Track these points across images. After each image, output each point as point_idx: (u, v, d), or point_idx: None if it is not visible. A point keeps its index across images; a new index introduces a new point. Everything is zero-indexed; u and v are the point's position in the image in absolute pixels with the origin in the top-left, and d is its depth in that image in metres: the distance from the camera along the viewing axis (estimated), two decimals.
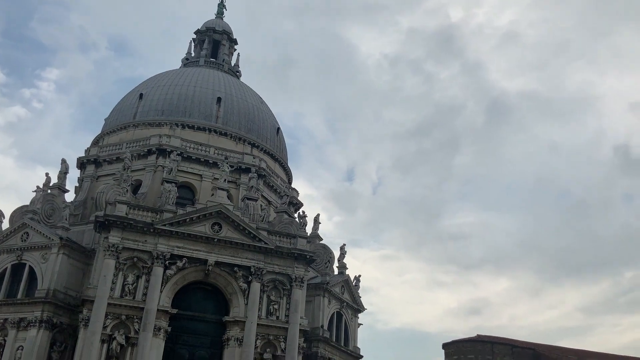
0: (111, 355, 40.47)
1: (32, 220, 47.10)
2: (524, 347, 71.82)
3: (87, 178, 58.50)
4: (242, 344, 43.60)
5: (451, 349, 72.21)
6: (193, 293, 45.49)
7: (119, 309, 41.64)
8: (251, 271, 45.67)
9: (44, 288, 43.48)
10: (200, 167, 56.94)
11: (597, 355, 73.59)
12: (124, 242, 43.01)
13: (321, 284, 51.43)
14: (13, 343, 42.60)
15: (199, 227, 45.52)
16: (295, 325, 45.52)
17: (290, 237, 48.71)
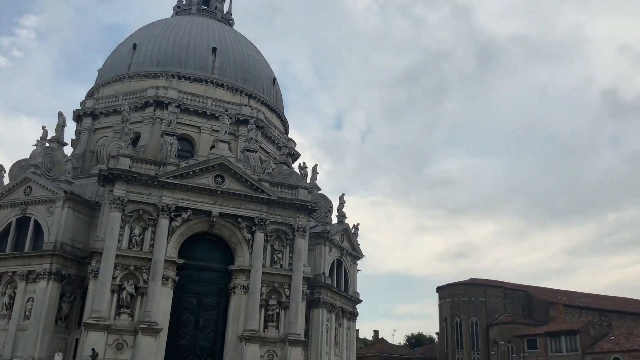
0: (122, 305, 41.54)
1: (35, 175, 47.19)
2: (515, 289, 74.40)
3: (84, 131, 58.39)
4: (248, 292, 44.88)
5: (445, 292, 74.61)
6: (199, 244, 46.34)
7: (127, 260, 42.46)
8: (255, 222, 46.48)
9: (51, 241, 44.04)
10: (198, 119, 56.99)
11: (587, 296, 76.51)
12: (128, 195, 43.41)
13: (322, 233, 52.50)
14: (23, 295, 43.49)
15: (202, 179, 45.95)
16: (299, 273, 46.79)
17: (291, 188, 49.38)
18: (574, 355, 56.96)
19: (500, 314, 70.60)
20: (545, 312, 69.69)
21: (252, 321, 44.16)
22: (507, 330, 67.46)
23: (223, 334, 44.82)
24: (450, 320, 71.99)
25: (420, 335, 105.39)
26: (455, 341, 70.99)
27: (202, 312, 45.17)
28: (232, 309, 45.04)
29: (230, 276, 46.20)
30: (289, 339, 44.54)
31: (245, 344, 43.35)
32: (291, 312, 45.70)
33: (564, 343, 58.38)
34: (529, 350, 61.15)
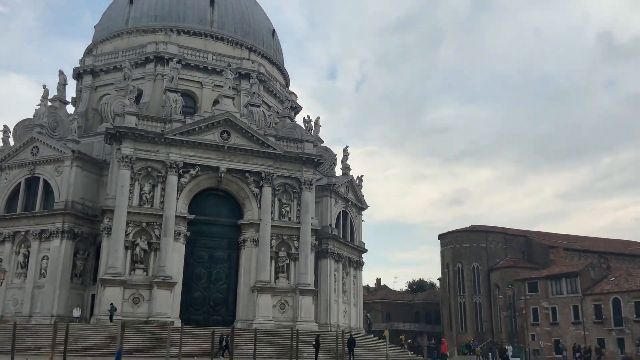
0: (136, 260, 42.47)
1: (41, 135, 47.27)
2: (515, 234, 75.87)
3: (85, 89, 57.93)
4: (258, 244, 45.82)
5: (447, 239, 76.08)
6: (207, 199, 46.95)
7: (139, 217, 43.13)
8: (262, 176, 46.98)
9: (62, 200, 44.55)
10: (199, 75, 56.54)
11: (586, 239, 78.16)
12: (136, 152, 43.68)
13: (327, 186, 53.09)
14: (37, 254, 44.32)
15: (208, 135, 46.13)
16: (307, 225, 47.64)
17: (296, 142, 49.66)
18: (574, 297, 58.77)
19: (501, 259, 72.30)
20: (545, 256, 71.37)
21: (263, 273, 45.28)
22: (508, 274, 69.24)
23: (235, 286, 46.03)
24: (452, 266, 73.75)
25: (421, 282, 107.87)
26: (457, 286, 72.92)
27: (214, 265, 46.23)
28: (243, 261, 46.11)
29: (239, 230, 47.05)
30: (299, 289, 45.79)
31: (257, 295, 44.61)
32: (301, 263, 46.80)
33: (565, 285, 60.11)
34: (530, 292, 62.93)
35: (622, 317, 54.77)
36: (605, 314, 56.06)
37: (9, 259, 45.01)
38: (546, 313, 61.60)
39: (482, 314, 70.40)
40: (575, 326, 58.29)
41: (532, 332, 62.10)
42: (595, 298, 57.34)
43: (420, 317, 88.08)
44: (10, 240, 45.47)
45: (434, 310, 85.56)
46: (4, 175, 47.59)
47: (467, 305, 71.52)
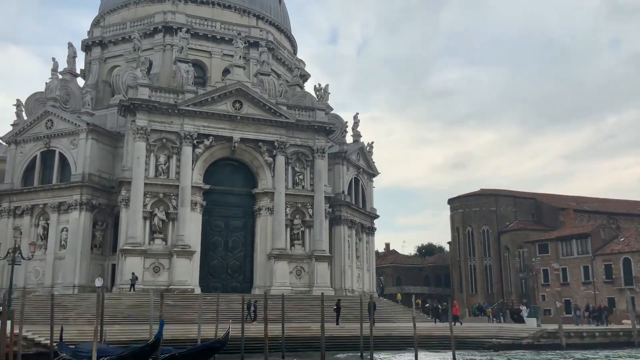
0: (154, 230, 43.22)
1: (54, 108, 47.52)
2: (525, 197, 76.25)
3: (94, 61, 57.86)
4: (273, 213, 46.45)
5: (456, 203, 76.56)
6: (222, 169, 47.42)
7: (156, 187, 43.69)
8: (275, 145, 47.28)
9: (79, 172, 45.08)
10: (208, 44, 56.32)
11: (595, 200, 78.54)
12: (151, 124, 43.98)
13: (339, 153, 53.38)
14: (57, 226, 45.09)
15: (221, 105, 46.29)
16: (321, 193, 48.16)
17: (308, 110, 49.80)
18: (585, 257, 59.45)
19: (511, 222, 72.86)
20: (554, 217, 71.88)
21: (279, 240, 46.02)
22: (518, 236, 69.88)
23: (251, 253, 46.88)
24: (462, 230, 74.46)
25: (430, 245, 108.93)
26: (467, 249, 73.73)
27: (230, 233, 46.98)
28: (259, 229, 46.83)
29: (254, 199, 47.63)
30: (315, 255, 46.57)
31: (274, 262, 45.44)
32: (315, 230, 47.46)
33: (575, 246, 60.77)
34: (540, 254, 63.67)
35: (633, 276, 55.53)
36: (615, 274, 56.84)
37: (29, 232, 45.79)
38: (557, 274, 62.41)
39: (492, 276, 71.39)
40: (585, 286, 59.17)
41: (542, 293, 63.05)
42: (605, 258, 58.01)
43: (430, 280, 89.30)
44: (28, 213, 46.22)
45: (443, 274, 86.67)
46: (19, 149, 48.05)
47: (477, 268, 72.47)
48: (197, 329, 26.41)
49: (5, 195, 47.06)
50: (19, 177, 47.45)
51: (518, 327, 37.08)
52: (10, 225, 46.45)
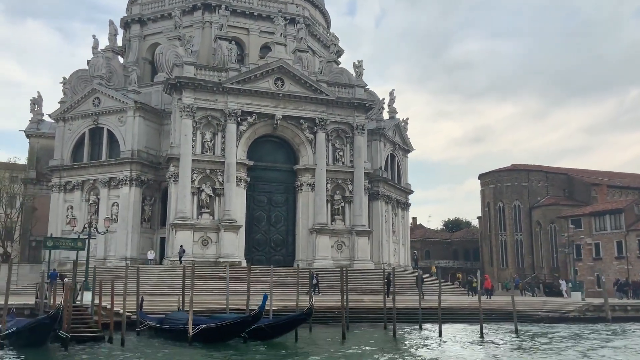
0: (202, 205, 44.66)
1: (101, 86, 48.75)
2: (556, 172, 76.32)
3: (134, 38, 58.87)
4: (315, 189, 47.57)
5: (487, 178, 76.90)
6: (263, 146, 48.53)
7: (202, 164, 44.99)
8: (316, 122, 48.16)
9: (128, 149, 46.49)
10: (246, 21, 56.97)
11: (626, 175, 78.36)
12: (197, 102, 45.09)
13: (377, 130, 54.10)
14: (107, 200, 46.73)
15: (263, 83, 47.15)
16: (360, 169, 49.10)
17: (348, 87, 50.46)
18: (618, 233, 59.87)
19: (542, 197, 73.13)
20: (586, 193, 72.06)
21: (320, 215, 47.21)
22: (550, 211, 70.27)
23: (293, 228, 48.21)
24: (494, 205, 74.99)
25: (457, 220, 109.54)
26: (498, 224, 74.40)
27: (273, 208, 48.29)
28: (300, 204, 48.05)
29: (295, 175, 48.75)
30: (355, 230, 47.73)
31: (316, 236, 46.72)
32: (355, 205, 48.54)
33: (609, 221, 61.18)
34: (573, 229, 64.16)
35: None
36: None
37: (80, 206, 47.61)
38: (589, 249, 62.94)
39: (523, 250, 72.09)
40: (618, 261, 59.71)
41: (574, 268, 63.76)
42: (639, 233, 58.40)
43: (458, 254, 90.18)
44: (79, 188, 47.91)
45: (472, 248, 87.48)
46: (67, 126, 49.54)
47: (508, 242, 73.15)
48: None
49: (56, 171, 48.77)
50: (68, 153, 49.04)
51: (564, 300, 38.05)
52: (62, 200, 48.36)
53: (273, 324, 23.59)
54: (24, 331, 20.60)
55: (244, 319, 22.45)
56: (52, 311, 20.68)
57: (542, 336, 25.76)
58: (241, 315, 23.35)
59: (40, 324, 20.35)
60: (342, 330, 24.49)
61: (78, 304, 24.97)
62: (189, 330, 21.68)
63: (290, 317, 24.31)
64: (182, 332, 22.44)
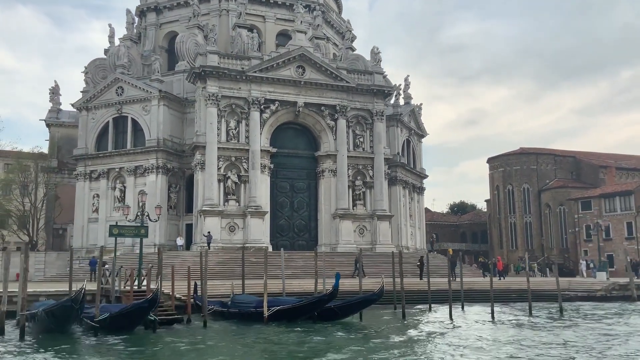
0: (228, 192, 45.56)
1: (124, 75, 49.28)
2: (564, 155, 77.49)
3: (150, 26, 59.27)
4: (336, 174, 48.49)
5: (496, 162, 78.00)
6: (285, 133, 49.29)
7: (228, 151, 45.80)
8: (336, 109, 48.93)
9: (154, 138, 47.17)
10: (262, 8, 57.48)
11: (632, 158, 79.61)
12: (221, 90, 45.76)
13: (394, 115, 54.92)
14: (134, 188, 47.50)
15: (285, 71, 47.81)
16: (380, 155, 50.02)
17: (367, 74, 51.19)
18: (628, 214, 61.18)
19: (551, 180, 74.32)
20: (594, 175, 73.31)
21: (342, 201, 48.19)
22: (559, 194, 71.51)
23: (315, 213, 49.20)
24: (503, 188, 76.20)
25: (462, 203, 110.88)
26: (507, 206, 75.68)
27: (295, 194, 49.24)
28: (323, 190, 49.00)
29: (316, 161, 49.63)
30: (377, 215, 48.77)
31: (339, 221, 47.74)
32: (376, 191, 49.54)
33: (618, 203, 62.51)
34: (583, 211, 65.51)
35: None
36: None
37: (106, 194, 48.42)
38: (599, 230, 64.38)
39: (532, 232, 73.45)
40: (628, 241, 61.10)
41: (584, 248, 65.19)
42: None
43: (466, 237, 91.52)
44: (104, 176, 48.65)
45: (480, 230, 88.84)
46: (90, 115, 50.13)
47: (517, 224, 74.47)
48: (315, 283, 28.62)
49: (81, 160, 49.47)
50: (92, 142, 49.71)
51: (589, 280, 39.30)
52: (87, 188, 49.15)
53: (343, 304, 24.55)
54: (119, 316, 21.31)
55: (320, 299, 23.50)
56: (151, 295, 21.53)
57: (591, 314, 27.00)
58: (317, 296, 24.36)
59: (139, 308, 21.19)
60: (402, 310, 25.94)
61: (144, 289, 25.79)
62: (264, 312, 22.70)
63: (361, 297, 25.25)
64: (254, 314, 23.50)
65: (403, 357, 16.32)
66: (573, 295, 32.75)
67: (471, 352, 17.00)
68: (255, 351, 18.03)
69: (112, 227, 29.46)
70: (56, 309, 20.72)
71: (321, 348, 18.14)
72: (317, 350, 17.85)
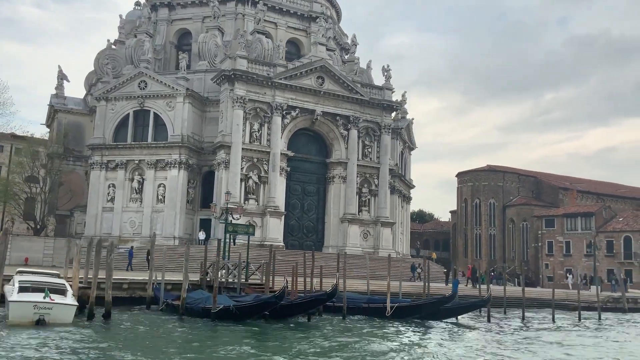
0: (248, 192, 47.82)
1: (148, 70, 50.41)
2: (527, 175, 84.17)
3: (161, 21, 60.34)
4: (346, 181, 51.73)
5: (466, 177, 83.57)
6: (299, 138, 52.03)
7: (250, 152, 48.06)
8: (350, 119, 52.19)
9: (178, 134, 48.60)
10: (275, 15, 59.79)
11: (583, 181, 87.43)
12: (248, 94, 47.97)
13: (396, 129, 58.70)
14: (153, 181, 48.79)
15: (306, 80, 50.59)
16: (385, 166, 53.70)
17: (378, 88, 54.75)
18: (588, 233, 67.93)
19: (514, 197, 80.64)
20: (554, 195, 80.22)
21: (351, 206, 51.49)
22: (524, 210, 77.86)
23: (323, 216, 52.25)
24: (471, 201, 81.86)
25: (421, 212, 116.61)
26: (474, 219, 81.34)
27: (306, 197, 52.10)
28: (332, 195, 52.09)
29: (326, 167, 52.66)
30: (381, 221, 52.39)
31: (348, 225, 51.00)
32: (380, 198, 53.17)
33: (580, 223, 69.21)
34: (546, 228, 71.90)
35: (632, 252, 64.43)
36: (616, 249, 65.66)
37: (123, 185, 49.41)
38: (560, 246, 70.94)
39: (495, 244, 79.46)
40: (587, 258, 67.85)
41: (546, 262, 71.61)
42: (608, 235, 66.64)
43: (429, 244, 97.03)
44: (122, 167, 49.59)
45: (441, 239, 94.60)
46: (109, 105, 50.86)
47: (482, 236, 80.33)
48: None
49: (97, 149, 50.14)
50: (110, 133, 50.48)
51: (587, 293, 44.45)
52: (103, 178, 49.92)
53: (454, 306, 28.08)
54: (296, 305, 24.82)
55: (440, 300, 26.91)
56: (331, 289, 25.09)
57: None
58: (436, 296, 27.63)
59: (318, 299, 25.17)
60: (504, 309, 29.52)
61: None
62: (387, 308, 25.73)
63: (471, 302, 29.66)
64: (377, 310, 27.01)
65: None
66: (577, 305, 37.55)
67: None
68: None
69: (227, 225, 31.86)
70: (261, 302, 23.89)
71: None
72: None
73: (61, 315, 20.13)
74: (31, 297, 20.16)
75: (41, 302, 19.82)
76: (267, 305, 24.02)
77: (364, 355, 17.66)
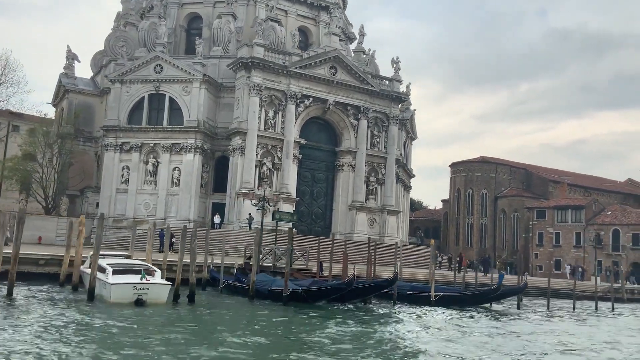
0: (262, 177, 48.96)
1: (164, 54, 50.94)
2: (518, 167, 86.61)
3: (171, 5, 60.54)
4: (355, 170, 53.19)
5: (459, 167, 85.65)
6: (310, 127, 53.20)
7: (265, 139, 49.13)
8: (360, 110, 53.51)
9: (194, 119, 49.40)
10: (285, 3, 60.54)
11: (571, 174, 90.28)
12: (264, 82, 48.92)
13: (402, 120, 60.12)
14: (168, 165, 49.62)
15: (320, 69, 51.68)
16: (392, 156, 55.29)
17: (387, 80, 56.07)
18: (578, 226, 70.70)
19: (505, 188, 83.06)
20: (543, 187, 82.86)
21: (359, 194, 53.04)
22: (515, 202, 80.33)
23: (331, 203, 53.73)
24: (464, 192, 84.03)
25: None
26: (466, 208, 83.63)
27: (315, 184, 53.44)
28: (340, 183, 53.53)
29: (335, 156, 54.01)
30: (387, 210, 54.07)
31: (356, 212, 52.57)
32: (386, 187, 54.81)
33: (570, 215, 71.89)
34: (537, 219, 74.47)
35: (620, 244, 67.35)
36: (605, 241, 68.49)
37: (137, 167, 50.15)
38: (550, 237, 73.62)
39: (486, 233, 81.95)
40: (576, 249, 70.69)
41: (536, 252, 74.32)
42: (597, 228, 69.40)
43: (420, 232, 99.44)
44: (137, 150, 50.28)
45: (432, 227, 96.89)
46: (124, 88, 51.34)
47: (474, 225, 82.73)
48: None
49: (112, 131, 50.70)
50: (125, 115, 51.03)
51: (589, 283, 46.78)
52: (117, 159, 50.58)
53: (479, 292, 29.79)
54: (361, 290, 25.83)
55: (486, 291, 28.55)
56: (392, 276, 26.18)
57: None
58: (482, 288, 29.26)
59: (378, 285, 26.42)
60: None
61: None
62: (431, 296, 27.29)
63: (509, 289, 30.85)
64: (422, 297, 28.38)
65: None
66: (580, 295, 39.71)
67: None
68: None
69: (274, 213, 34.57)
70: (331, 288, 25.62)
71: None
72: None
73: (157, 295, 21.63)
74: (130, 279, 21.59)
75: (140, 283, 21.28)
76: (337, 291, 25.58)
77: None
